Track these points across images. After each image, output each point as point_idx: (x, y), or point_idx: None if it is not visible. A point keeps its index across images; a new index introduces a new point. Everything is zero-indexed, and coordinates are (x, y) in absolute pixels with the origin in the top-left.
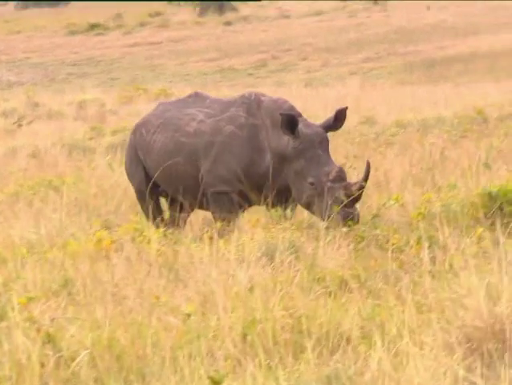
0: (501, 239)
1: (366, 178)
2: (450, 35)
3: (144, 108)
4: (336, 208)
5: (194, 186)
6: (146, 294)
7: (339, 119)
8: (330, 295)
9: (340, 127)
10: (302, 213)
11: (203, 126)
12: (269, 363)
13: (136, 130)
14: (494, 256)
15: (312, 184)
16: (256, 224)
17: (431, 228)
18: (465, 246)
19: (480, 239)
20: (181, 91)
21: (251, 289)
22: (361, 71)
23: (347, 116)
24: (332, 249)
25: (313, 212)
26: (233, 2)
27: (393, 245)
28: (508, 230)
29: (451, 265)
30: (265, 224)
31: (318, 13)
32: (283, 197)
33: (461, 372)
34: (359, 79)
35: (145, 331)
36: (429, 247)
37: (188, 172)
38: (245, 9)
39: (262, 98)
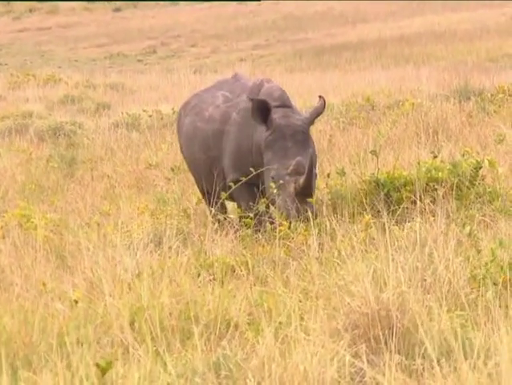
0: (388, 226)
1: (310, 170)
2: (339, 23)
3: (31, 94)
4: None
5: (209, 176)
6: (33, 281)
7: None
8: (217, 282)
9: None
10: (192, 202)
11: (216, 112)
12: (156, 350)
13: (179, 111)
14: (381, 243)
15: (273, 177)
16: (144, 210)
17: (319, 215)
18: (353, 233)
19: (367, 226)
20: (70, 76)
21: (138, 276)
22: (250, 58)
23: None
24: (220, 236)
25: (275, 209)
26: None
27: (281, 231)
28: (395, 217)
29: (338, 252)
30: (153, 211)
31: None
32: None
33: (348, 358)
34: (249, 66)
35: (32, 318)
36: (317, 234)
37: (202, 161)
38: None
39: (266, 84)
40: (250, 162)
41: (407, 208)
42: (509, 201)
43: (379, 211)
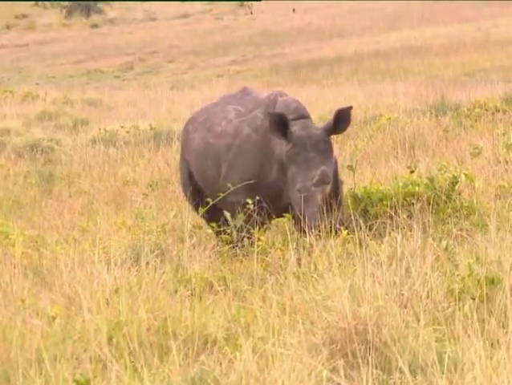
0: (365, 240)
1: (336, 178)
2: (316, 38)
3: (9, 111)
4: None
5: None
6: (11, 297)
7: (341, 120)
8: (195, 297)
9: (344, 128)
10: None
11: (229, 126)
12: (134, 365)
13: (185, 127)
14: (358, 257)
15: (299, 190)
16: (121, 226)
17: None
18: (330, 248)
19: (345, 241)
20: (48, 93)
21: (116, 292)
22: (228, 74)
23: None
24: (198, 251)
25: (305, 223)
26: (100, 3)
27: (259, 246)
28: (372, 232)
29: (316, 267)
30: (130, 227)
31: (185, 15)
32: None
33: (326, 373)
34: (226, 82)
35: (10, 334)
36: (294, 249)
37: (215, 178)
38: (111, 11)
39: (280, 98)
40: (265, 182)
41: (384, 222)
42: (485, 215)
43: (356, 225)
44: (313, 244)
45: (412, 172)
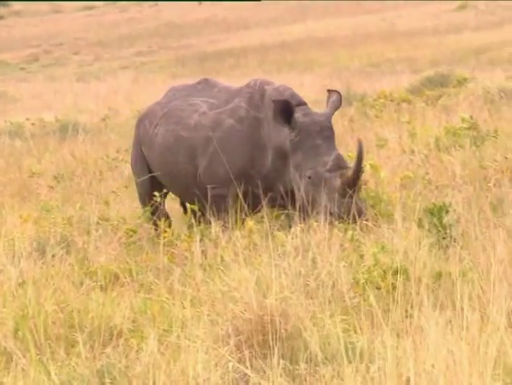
0: (271, 231)
1: (360, 161)
2: (222, 29)
3: None
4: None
5: (194, 187)
6: None
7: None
8: (101, 289)
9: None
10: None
11: (204, 119)
12: (40, 358)
13: (140, 122)
14: (265, 248)
15: (309, 177)
16: (27, 218)
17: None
18: (236, 239)
19: (250, 232)
20: None
21: (22, 285)
22: (133, 65)
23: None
24: (104, 243)
25: (316, 211)
26: None
27: (165, 238)
28: (278, 223)
29: (222, 258)
30: (36, 219)
31: (90, 7)
32: (288, 201)
33: (232, 364)
34: (132, 73)
35: None
36: (200, 240)
37: (189, 172)
38: (16, 4)
39: (266, 86)
40: (256, 174)
41: (289, 213)
42: (391, 205)
43: (262, 217)
44: (219, 235)
45: None
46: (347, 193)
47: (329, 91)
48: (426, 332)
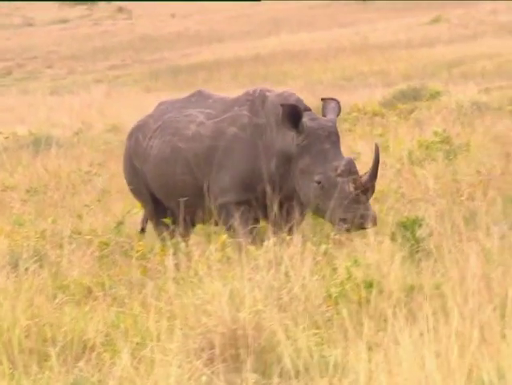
0: (245, 245)
1: (376, 165)
2: (195, 43)
3: None
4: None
5: (195, 198)
6: None
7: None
8: (74, 303)
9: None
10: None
11: (203, 129)
12: (13, 372)
13: (132, 135)
14: (238, 262)
15: (319, 182)
16: (0, 232)
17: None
18: (209, 253)
19: (224, 245)
20: None
21: None
22: (107, 79)
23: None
24: (77, 257)
25: (323, 217)
26: None
27: (138, 252)
28: (252, 236)
29: (195, 272)
30: (8, 233)
31: (63, 20)
32: (290, 207)
33: (205, 378)
34: (105, 87)
35: None
36: (174, 254)
37: (187, 183)
38: None
39: (267, 93)
40: (262, 180)
41: (262, 226)
42: None
43: (234, 231)
44: (192, 249)
45: None
46: (361, 199)
47: (324, 99)
48: (399, 346)
